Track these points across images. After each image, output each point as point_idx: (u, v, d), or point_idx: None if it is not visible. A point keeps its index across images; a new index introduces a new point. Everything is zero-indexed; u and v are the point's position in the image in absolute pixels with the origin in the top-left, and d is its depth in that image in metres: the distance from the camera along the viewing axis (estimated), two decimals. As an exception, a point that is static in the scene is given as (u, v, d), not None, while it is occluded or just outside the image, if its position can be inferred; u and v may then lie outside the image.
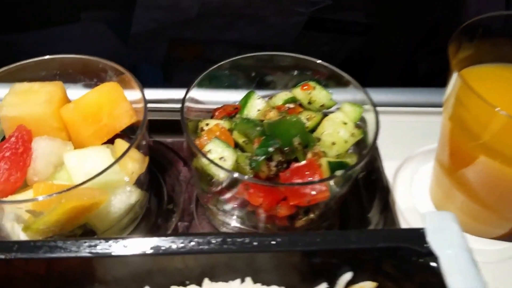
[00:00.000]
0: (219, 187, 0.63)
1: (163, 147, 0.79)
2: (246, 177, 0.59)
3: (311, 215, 0.64)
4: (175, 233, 0.68)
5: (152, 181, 0.73)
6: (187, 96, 0.66)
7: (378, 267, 0.55)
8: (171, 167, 0.77)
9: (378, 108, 0.85)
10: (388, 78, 1.26)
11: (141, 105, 0.64)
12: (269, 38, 1.22)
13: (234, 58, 0.71)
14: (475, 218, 0.74)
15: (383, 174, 0.74)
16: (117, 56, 1.22)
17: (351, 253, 0.54)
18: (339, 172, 0.59)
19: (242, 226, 0.67)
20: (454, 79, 0.64)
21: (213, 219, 0.71)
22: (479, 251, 0.72)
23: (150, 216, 0.70)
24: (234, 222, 0.67)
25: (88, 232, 0.63)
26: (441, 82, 0.76)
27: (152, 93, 0.88)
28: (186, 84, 0.86)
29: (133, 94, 0.66)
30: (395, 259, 0.54)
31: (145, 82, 1.22)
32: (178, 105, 0.86)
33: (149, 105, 0.84)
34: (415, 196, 0.78)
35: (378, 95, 0.89)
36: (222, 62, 0.71)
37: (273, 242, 0.53)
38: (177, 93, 0.88)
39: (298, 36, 1.22)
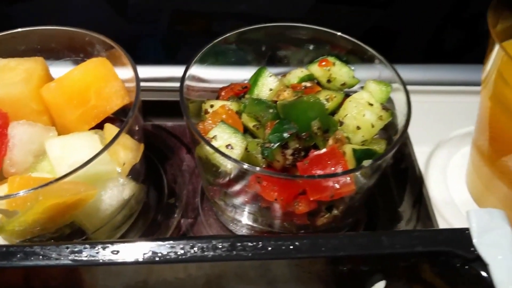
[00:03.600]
0: (227, 179, 0.54)
1: (163, 131, 0.70)
2: (257, 168, 0.50)
3: (335, 212, 0.55)
4: (175, 236, 0.59)
5: (151, 171, 0.64)
6: (188, 74, 0.57)
7: (416, 275, 0.47)
8: (172, 155, 0.68)
9: (412, 87, 0.77)
10: (412, 54, 1.15)
11: (134, 84, 0.55)
12: (282, 10, 1.12)
13: (241, 30, 0.62)
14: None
15: (415, 161, 0.65)
16: (114, 29, 1.11)
17: (384, 258, 0.45)
18: (367, 162, 0.49)
19: (255, 224, 0.58)
20: (495, 53, 0.55)
21: (221, 216, 0.62)
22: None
23: (149, 212, 0.62)
24: (245, 219, 0.59)
25: (77, 231, 0.54)
26: (471, 57, 0.67)
27: (153, 71, 0.80)
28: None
29: (126, 71, 0.57)
30: (435, 265, 0.46)
31: (146, 58, 1.12)
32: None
33: (148, 84, 0.76)
34: (451, 187, 0.69)
35: (405, 72, 0.79)
36: (227, 35, 0.61)
37: (292, 247, 0.44)
38: (181, 71, 0.80)
39: (314, 8, 1.12)
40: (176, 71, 0.79)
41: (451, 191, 0.68)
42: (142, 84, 0.74)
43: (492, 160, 0.63)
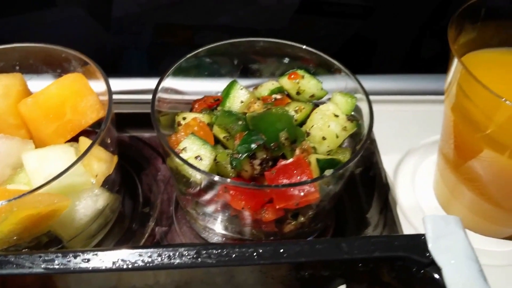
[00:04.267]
0: (197, 189, 0.56)
1: (140, 143, 0.73)
2: (224, 179, 0.52)
3: (301, 219, 0.57)
4: (143, 245, 0.61)
5: (127, 181, 0.66)
6: (160, 87, 0.59)
7: (375, 279, 0.49)
8: (148, 165, 0.70)
9: (377, 97, 0.79)
10: (391, 64, 1.19)
11: (107, 97, 0.57)
12: (263, 21, 1.15)
13: (212, 45, 0.64)
14: (485, 217, 0.68)
15: (382, 169, 0.68)
16: (100, 43, 1.14)
17: (344, 264, 0.47)
18: (328, 172, 0.52)
19: (225, 232, 0.60)
20: (454, 66, 0.58)
21: (194, 224, 0.64)
22: (490, 253, 0.66)
23: (124, 221, 0.64)
24: (216, 227, 0.61)
25: (54, 239, 0.57)
26: (446, 68, 0.69)
27: (135, 83, 0.82)
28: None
29: (101, 85, 0.59)
30: (393, 270, 0.48)
31: (130, 70, 1.14)
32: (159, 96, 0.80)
33: (128, 96, 0.78)
34: (418, 193, 0.71)
35: (377, 82, 0.83)
36: (199, 50, 0.64)
37: (255, 254, 0.46)
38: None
39: (295, 20, 1.15)
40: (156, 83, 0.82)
41: (418, 198, 0.70)
42: (122, 96, 0.77)
43: (456, 167, 0.66)
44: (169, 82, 0.62)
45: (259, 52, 0.67)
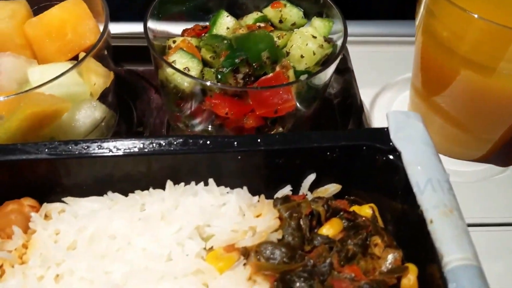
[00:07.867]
0: (186, 101, 0.61)
1: (135, 75, 0.78)
2: (208, 82, 0.57)
3: (280, 128, 0.62)
4: (137, 136, 0.67)
5: (123, 107, 0.72)
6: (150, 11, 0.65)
7: (342, 169, 0.54)
8: (142, 94, 0.76)
9: (359, 38, 0.85)
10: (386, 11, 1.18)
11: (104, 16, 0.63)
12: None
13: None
14: (454, 141, 0.74)
15: (358, 99, 0.73)
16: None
17: (313, 152, 0.53)
18: (303, 77, 0.57)
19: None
20: None
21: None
22: (459, 173, 0.73)
23: (120, 138, 0.69)
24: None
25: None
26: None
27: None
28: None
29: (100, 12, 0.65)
30: (358, 158, 0.53)
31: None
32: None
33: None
34: (392, 122, 0.77)
35: (360, 27, 0.88)
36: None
37: (235, 143, 0.52)
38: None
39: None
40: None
41: (392, 126, 0.76)
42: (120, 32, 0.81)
43: (426, 97, 0.71)
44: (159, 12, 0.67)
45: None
